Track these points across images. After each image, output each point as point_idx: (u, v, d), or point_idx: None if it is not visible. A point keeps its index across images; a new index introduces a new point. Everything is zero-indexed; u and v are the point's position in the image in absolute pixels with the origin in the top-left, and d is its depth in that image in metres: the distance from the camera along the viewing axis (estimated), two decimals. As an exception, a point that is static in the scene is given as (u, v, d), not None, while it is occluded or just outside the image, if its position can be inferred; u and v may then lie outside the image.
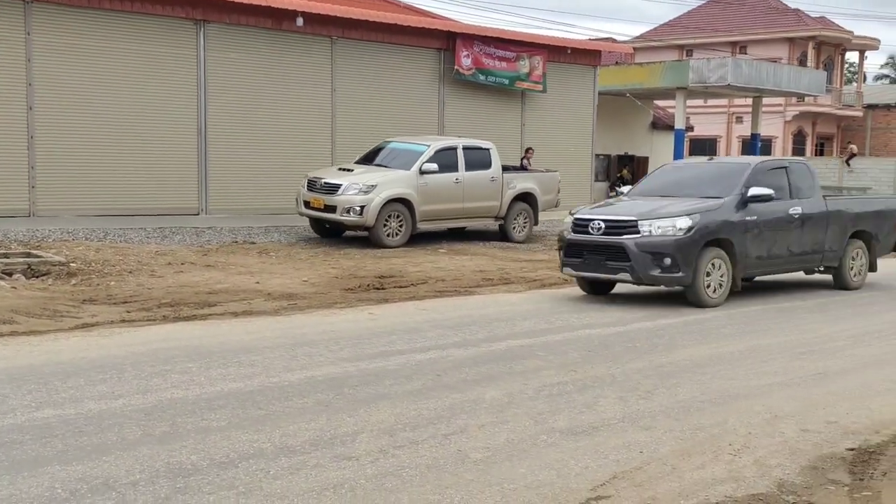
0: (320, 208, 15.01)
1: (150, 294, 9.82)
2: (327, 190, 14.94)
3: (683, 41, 46.92)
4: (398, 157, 16.04)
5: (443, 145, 16.21)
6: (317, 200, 15.03)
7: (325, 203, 14.85)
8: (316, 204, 15.06)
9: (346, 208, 14.64)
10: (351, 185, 14.80)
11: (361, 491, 4.50)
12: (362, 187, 14.79)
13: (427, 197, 15.53)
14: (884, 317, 10.16)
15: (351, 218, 14.71)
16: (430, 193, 15.57)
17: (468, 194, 16.26)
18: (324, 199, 14.89)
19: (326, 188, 14.97)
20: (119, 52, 16.74)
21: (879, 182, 36.98)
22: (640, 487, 4.71)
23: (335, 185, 14.88)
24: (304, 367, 6.86)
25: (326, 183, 15.02)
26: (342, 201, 14.67)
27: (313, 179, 15.38)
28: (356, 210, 14.63)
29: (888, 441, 5.60)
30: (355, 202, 14.64)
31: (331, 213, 14.88)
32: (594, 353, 7.75)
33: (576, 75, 24.25)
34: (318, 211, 15.13)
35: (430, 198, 15.58)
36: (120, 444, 5.01)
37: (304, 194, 15.41)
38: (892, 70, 71.55)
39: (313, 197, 15.12)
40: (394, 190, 15.06)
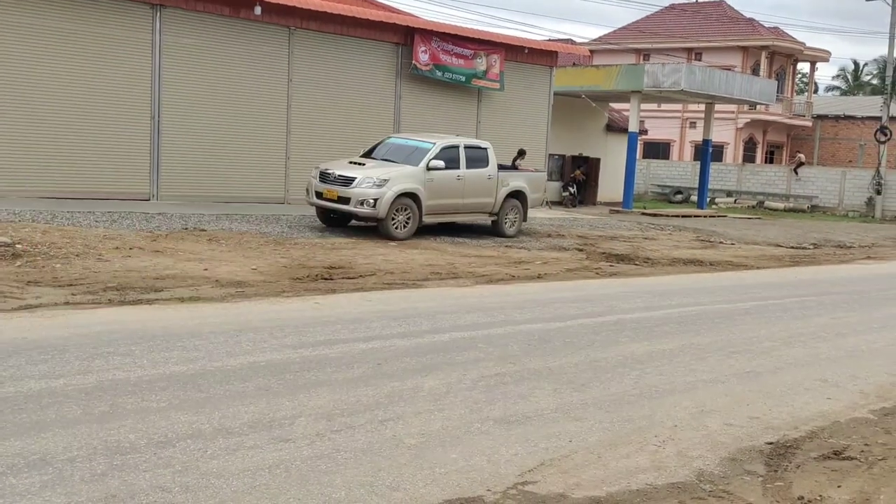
0: (334, 199, 15.65)
1: (97, 278, 9.80)
2: (342, 182, 15.55)
3: (640, 45, 47.53)
4: (405, 153, 16.65)
5: (447, 143, 16.91)
6: (330, 192, 15.65)
7: (339, 194, 15.51)
8: (329, 195, 15.68)
9: (359, 200, 15.29)
10: (365, 179, 15.42)
11: (296, 471, 4.63)
12: (376, 181, 15.42)
13: (432, 192, 16.22)
14: (814, 320, 10.51)
15: (364, 210, 15.38)
16: (435, 189, 16.27)
17: (468, 191, 17.04)
18: (338, 191, 15.53)
19: (341, 180, 15.57)
20: (73, 33, 16.57)
21: (825, 191, 37.93)
22: (566, 474, 4.91)
23: (350, 178, 15.48)
24: (247, 353, 6.95)
25: (341, 175, 15.63)
26: (356, 194, 15.32)
27: (326, 171, 15.94)
28: (370, 202, 15.28)
29: (805, 436, 5.88)
30: (369, 195, 15.29)
31: (344, 205, 15.54)
32: (534, 347, 7.95)
33: (532, 75, 24.51)
34: (331, 202, 15.74)
35: (435, 193, 16.27)
36: (59, 422, 5.07)
37: (316, 185, 15.95)
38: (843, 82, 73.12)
39: (326, 188, 15.74)
40: (404, 184, 15.73)
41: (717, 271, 15.15)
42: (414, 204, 15.89)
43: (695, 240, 20.63)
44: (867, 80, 71.60)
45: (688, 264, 15.64)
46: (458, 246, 15.67)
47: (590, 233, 20.10)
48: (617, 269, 14.33)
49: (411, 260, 13.27)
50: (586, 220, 23.35)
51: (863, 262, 18.62)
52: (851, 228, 28.47)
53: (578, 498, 4.60)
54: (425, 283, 11.37)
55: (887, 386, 7.42)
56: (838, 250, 20.97)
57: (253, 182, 19.20)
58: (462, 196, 16.99)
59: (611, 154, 32.28)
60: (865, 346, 9.14)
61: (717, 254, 17.89)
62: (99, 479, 4.33)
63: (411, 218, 15.90)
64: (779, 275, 15.39)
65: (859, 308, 11.77)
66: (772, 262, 17.19)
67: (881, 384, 7.47)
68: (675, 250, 17.86)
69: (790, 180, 38.86)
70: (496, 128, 23.28)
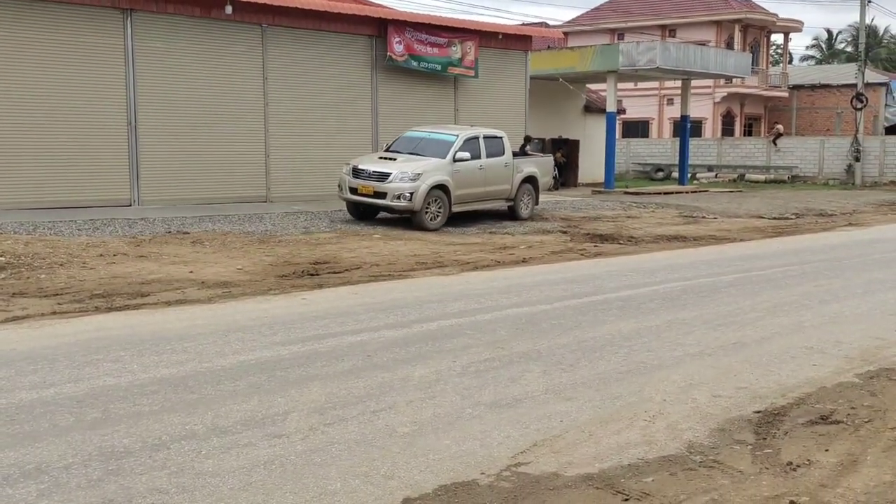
0: (370, 194, 16.23)
1: (82, 286, 9.79)
2: (377, 178, 16.13)
3: (614, 25, 47.59)
4: (430, 146, 17.17)
5: (469, 135, 17.49)
6: (366, 187, 16.23)
7: (376, 190, 16.09)
8: (365, 190, 16.26)
9: (396, 195, 15.91)
10: (400, 174, 15.99)
11: (291, 466, 4.67)
12: (410, 175, 16.02)
13: (459, 182, 16.85)
14: (797, 289, 10.62)
15: (401, 203, 16.00)
16: (461, 179, 16.91)
17: (488, 179, 17.74)
18: (374, 186, 16.11)
19: (376, 176, 16.14)
20: (44, 42, 16.47)
21: (805, 161, 38.15)
22: (558, 454, 4.97)
23: (385, 174, 16.06)
24: (236, 352, 6.98)
25: (376, 171, 16.20)
26: (393, 188, 15.91)
27: (359, 168, 16.46)
28: (406, 196, 15.90)
29: (792, 403, 5.96)
30: (405, 189, 15.91)
31: (381, 199, 16.14)
32: (521, 331, 8.01)
33: (508, 60, 24.52)
34: (366, 197, 16.30)
35: (461, 183, 16.91)
36: (52, 431, 5.09)
37: (349, 181, 16.51)
38: (817, 51, 73.44)
39: (361, 184, 16.31)
40: (436, 177, 16.35)
41: (701, 246, 15.25)
42: (444, 195, 16.54)
43: (677, 216, 20.75)
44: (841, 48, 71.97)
45: (671, 241, 15.74)
46: (442, 235, 15.71)
47: (573, 214, 20.18)
48: (601, 249, 14.40)
49: (396, 251, 13.30)
50: (569, 201, 23.42)
51: (844, 229, 18.78)
52: (832, 196, 28.68)
53: (571, 476, 4.66)
54: (411, 274, 11.40)
55: (871, 350, 7.52)
56: (820, 219, 21.14)
57: (234, 182, 19.16)
58: (484, 184, 17.67)
59: (590, 135, 32.39)
60: (849, 311, 9.24)
61: (700, 229, 18.00)
62: (95, 485, 4.36)
63: (442, 209, 16.53)
64: (762, 246, 15.51)
65: (842, 275, 11.89)
66: (754, 234, 17.31)
67: (865, 348, 7.57)
68: (658, 227, 17.96)
69: (770, 152, 39.06)
70: (474, 115, 23.29)
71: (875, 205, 25.64)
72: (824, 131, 46.47)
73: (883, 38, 69.93)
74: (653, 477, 4.67)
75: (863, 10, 36.21)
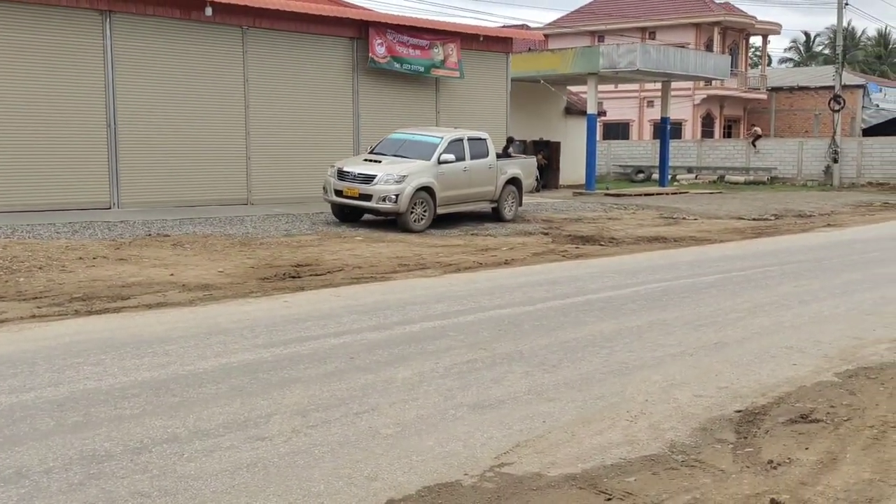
0: (355, 196, 16.26)
1: (62, 289, 9.72)
2: (362, 180, 16.17)
3: (595, 27, 47.75)
4: (414, 148, 17.24)
5: (453, 137, 17.64)
6: (351, 190, 16.27)
7: (361, 192, 16.13)
8: (350, 193, 16.30)
9: (381, 197, 15.96)
10: (385, 176, 16.05)
11: (274, 469, 4.66)
12: (395, 177, 16.09)
13: (444, 184, 16.96)
14: (777, 289, 10.70)
15: (386, 206, 16.05)
16: (446, 181, 17.01)
17: (473, 181, 17.88)
18: (359, 189, 16.16)
19: (361, 178, 16.18)
20: (22, 43, 16.35)
21: (784, 162, 38.43)
22: (541, 454, 4.98)
23: (370, 176, 16.10)
24: (218, 355, 6.95)
25: (361, 173, 16.23)
26: (378, 191, 15.97)
27: (344, 170, 16.46)
28: (391, 198, 15.96)
29: (772, 402, 6.01)
30: (390, 191, 15.96)
31: (366, 202, 16.19)
32: (504, 332, 8.02)
33: (489, 62, 24.56)
34: (352, 199, 16.34)
35: (446, 185, 17.02)
36: (32, 435, 5.05)
37: (334, 183, 16.53)
38: (795, 54, 74.02)
39: (346, 186, 16.35)
40: (421, 179, 16.42)
41: (682, 247, 15.33)
42: (429, 197, 16.61)
43: (658, 217, 20.85)
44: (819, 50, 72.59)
45: (652, 242, 15.82)
46: (424, 237, 15.71)
47: (554, 216, 20.23)
48: (583, 250, 14.45)
49: (378, 253, 13.29)
50: (550, 203, 23.48)
51: (823, 230, 18.93)
52: (811, 197, 28.90)
53: (554, 476, 4.67)
54: (393, 276, 11.40)
55: (850, 349, 7.59)
56: (799, 219, 21.30)
57: (214, 184, 19.09)
58: (469, 186, 17.77)
59: (571, 137, 32.47)
60: (828, 311, 9.32)
61: (680, 230, 18.10)
62: (77, 489, 4.34)
63: (427, 210, 16.60)
64: (741, 247, 15.61)
65: (821, 275, 11.99)
66: (734, 235, 17.43)
67: (844, 348, 7.64)
68: (639, 229, 18.04)
69: (749, 153, 39.31)
70: (456, 117, 23.32)
71: (853, 206, 25.86)
72: (802, 133, 46.82)
73: (860, 40, 70.59)
74: (635, 476, 4.69)
75: (840, 12, 36.53)
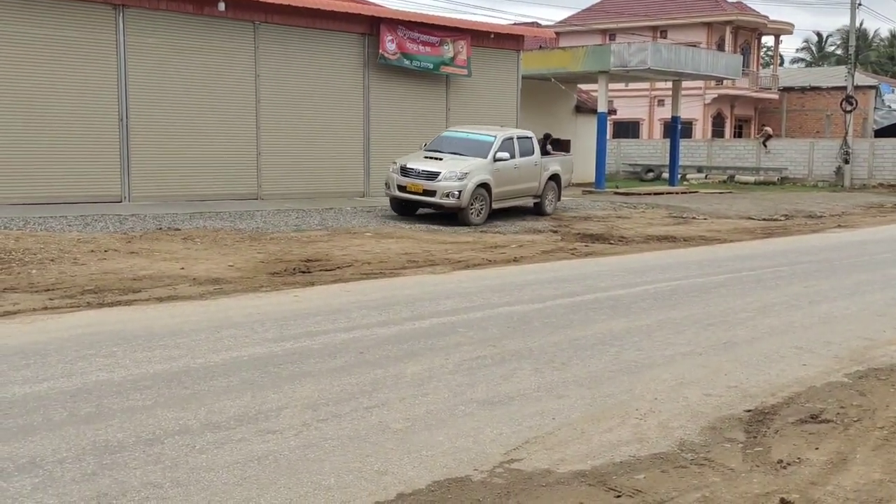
0: (419, 192, 17.04)
1: (73, 281, 9.77)
2: (426, 177, 16.94)
3: (606, 25, 47.67)
4: (470, 146, 17.98)
5: (505, 136, 18.42)
6: (415, 185, 17.05)
7: (425, 188, 16.91)
8: (414, 189, 17.08)
9: (445, 193, 16.77)
10: (448, 173, 16.82)
11: (285, 462, 4.69)
12: (458, 174, 16.85)
13: (498, 181, 17.77)
14: (787, 289, 10.68)
15: (450, 201, 16.86)
16: (500, 178, 17.81)
17: (521, 177, 18.73)
18: (423, 185, 16.93)
19: (425, 175, 16.95)
20: (36, 37, 16.41)
21: (795, 162, 38.31)
22: (550, 451, 5.00)
23: (434, 173, 16.88)
24: (229, 349, 6.98)
25: (425, 170, 17.00)
26: (442, 187, 16.77)
27: (408, 167, 17.20)
28: (454, 194, 16.79)
29: (782, 402, 6.01)
30: (454, 187, 16.79)
31: (430, 197, 16.96)
32: (513, 329, 8.04)
33: (500, 60, 24.54)
34: (415, 195, 17.11)
35: (500, 181, 17.82)
36: (46, 425, 5.09)
37: (398, 179, 17.29)
38: (807, 54, 73.77)
39: (410, 182, 17.11)
40: (480, 176, 17.26)
41: (691, 246, 15.32)
42: (486, 193, 17.45)
43: (667, 216, 20.82)
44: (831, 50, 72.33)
45: (662, 241, 15.80)
46: (433, 233, 15.73)
47: (563, 214, 20.23)
48: (592, 248, 14.45)
49: (388, 249, 13.31)
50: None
51: (833, 231, 18.88)
52: (821, 198, 28.81)
53: (563, 472, 4.69)
54: (403, 272, 11.42)
55: (860, 350, 7.58)
56: (809, 220, 21.24)
57: (225, 179, 19.13)
58: (518, 182, 18.61)
59: (581, 135, 32.44)
60: (838, 312, 9.31)
61: (690, 229, 18.07)
62: (89, 479, 4.37)
63: (484, 206, 17.44)
64: (751, 247, 15.59)
65: (831, 276, 11.96)
66: (744, 235, 17.40)
67: (854, 348, 7.63)
68: (648, 228, 18.03)
69: (759, 153, 39.20)
70: (466, 114, 23.32)
71: (864, 207, 25.78)
72: (814, 133, 46.67)
73: (873, 41, 70.31)
74: (644, 474, 4.70)
75: (853, 13, 36.38)
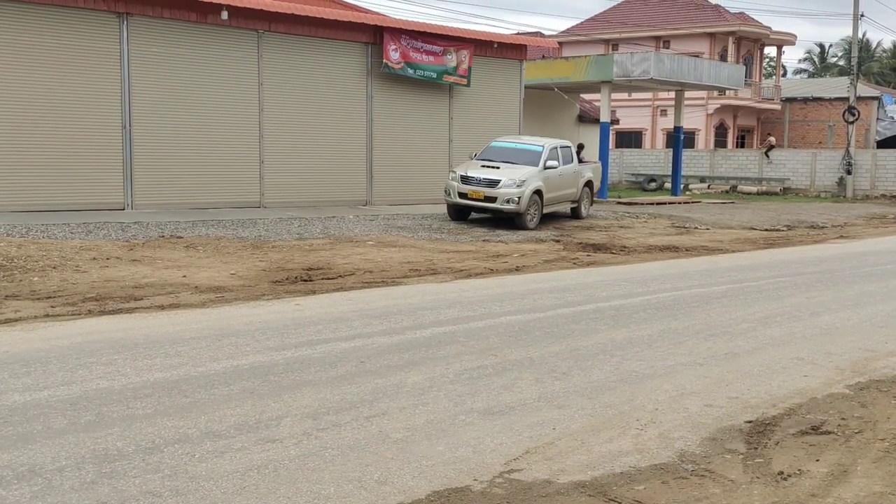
0: (480, 199, 18.27)
1: (75, 289, 9.78)
2: (487, 184, 18.17)
3: (608, 35, 47.78)
4: (521, 155, 19.16)
5: (551, 145, 19.73)
6: (476, 192, 18.28)
7: (486, 195, 18.13)
8: (475, 195, 18.30)
9: (505, 199, 17.98)
10: (508, 181, 18.03)
11: (285, 471, 4.69)
12: (517, 181, 18.06)
13: (548, 187, 19.01)
14: (789, 300, 10.67)
15: (510, 207, 18.04)
16: (549, 184, 19.07)
17: (564, 183, 20.07)
18: (484, 192, 18.17)
19: (486, 182, 18.18)
20: (40, 45, 16.47)
21: (797, 173, 38.33)
22: (550, 461, 4.99)
23: (494, 181, 18.11)
24: (230, 357, 6.98)
25: (485, 178, 18.23)
26: (502, 193, 18.00)
27: (468, 175, 18.41)
28: (514, 200, 17.99)
29: (783, 413, 6.00)
30: (513, 194, 18.00)
31: (491, 203, 18.18)
32: (514, 339, 8.03)
33: (503, 69, 24.59)
34: (477, 201, 18.34)
35: (549, 188, 19.07)
36: (45, 433, 5.09)
37: (458, 187, 18.49)
38: (810, 65, 73.86)
39: (471, 189, 18.34)
40: (535, 183, 18.45)
41: (693, 256, 15.31)
42: (539, 199, 18.65)
43: (670, 226, 20.82)
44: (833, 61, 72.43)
45: (664, 251, 15.80)
46: (435, 242, 15.74)
47: (566, 223, 20.23)
48: (594, 258, 14.45)
49: (389, 258, 13.31)
50: (561, 210, 23.44)
51: (835, 242, 18.87)
52: (823, 209, 28.81)
53: (564, 483, 4.68)
54: (404, 281, 11.42)
55: (862, 361, 7.57)
56: (811, 231, 21.23)
57: (228, 187, 19.17)
58: (562, 188, 19.89)
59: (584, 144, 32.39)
60: (840, 323, 9.29)
61: (692, 239, 18.07)
62: (89, 487, 4.37)
63: (537, 211, 18.65)
64: (753, 257, 15.58)
65: (833, 287, 11.95)
66: (746, 245, 17.39)
67: (856, 360, 7.62)
68: (650, 237, 18.02)
69: (762, 164, 39.23)
70: (468, 123, 23.37)
71: (866, 218, 25.77)
72: (816, 144, 46.69)
73: (875, 52, 70.38)
74: (644, 485, 4.69)
75: (855, 24, 36.46)
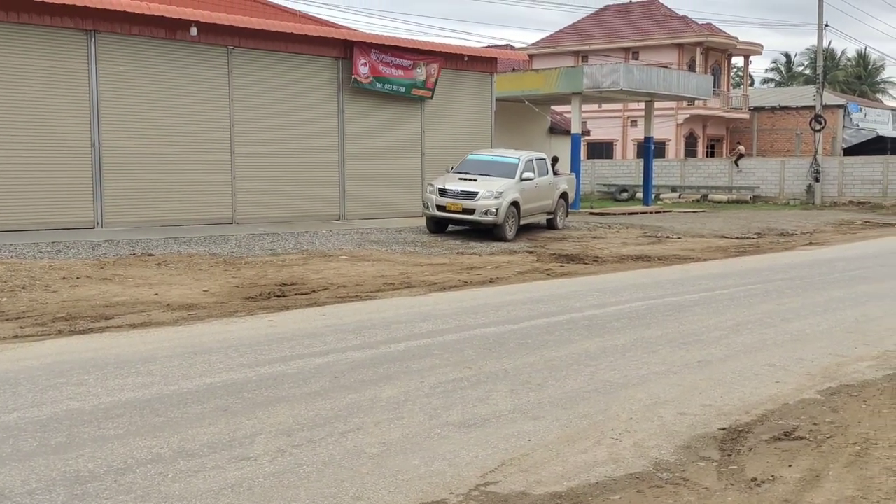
0: (458, 211, 18.52)
1: (45, 309, 9.67)
2: (464, 196, 18.42)
3: (578, 47, 48.14)
4: (497, 168, 19.41)
5: (527, 158, 20.00)
6: (454, 205, 18.52)
7: (464, 207, 18.38)
8: (453, 208, 18.54)
9: (483, 210, 18.25)
10: (486, 193, 18.31)
11: (259, 489, 4.65)
12: (494, 193, 18.33)
13: (524, 199, 19.28)
14: (760, 307, 10.77)
15: (488, 218, 18.28)
16: (526, 196, 19.34)
17: (540, 195, 20.35)
18: (462, 204, 18.42)
19: (464, 195, 18.43)
20: (7, 62, 16.33)
21: (766, 181, 38.75)
22: (526, 472, 4.99)
23: (472, 193, 18.38)
24: (202, 375, 6.93)
25: (463, 190, 18.49)
26: (480, 205, 18.28)
27: (446, 188, 18.62)
28: (492, 212, 18.25)
29: (756, 420, 6.04)
30: (491, 206, 18.27)
31: (469, 215, 18.45)
32: (489, 350, 8.04)
33: (473, 82, 24.70)
34: (455, 213, 18.60)
35: (525, 199, 19.34)
36: (15, 456, 5.02)
37: (437, 200, 18.71)
38: (777, 74, 74.80)
39: (449, 202, 18.58)
40: (512, 195, 18.72)
41: (665, 265, 15.41)
42: (516, 210, 18.92)
43: (642, 236, 20.95)
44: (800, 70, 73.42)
45: (636, 260, 15.89)
46: (409, 255, 15.73)
47: (539, 234, 20.30)
48: (567, 269, 14.50)
49: (363, 272, 13.29)
50: (535, 222, 23.53)
51: (805, 249, 19.08)
52: (793, 216, 29.13)
53: (539, 494, 4.68)
54: (378, 295, 11.40)
55: (832, 367, 7.65)
56: (781, 238, 21.46)
57: (199, 203, 19.07)
58: (538, 200, 20.16)
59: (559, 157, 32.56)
60: (810, 329, 9.39)
61: (664, 248, 18.20)
62: (60, 510, 4.31)
63: (514, 222, 18.88)
64: (725, 265, 15.71)
65: (803, 293, 12.08)
66: (718, 254, 17.53)
67: (826, 365, 7.69)
68: (623, 247, 18.13)
69: (732, 172, 39.63)
70: (440, 136, 23.43)
71: (834, 224, 26.08)
72: (784, 152, 47.25)
73: (840, 60, 71.41)
74: (620, 494, 4.70)
75: (820, 34, 36.99)
